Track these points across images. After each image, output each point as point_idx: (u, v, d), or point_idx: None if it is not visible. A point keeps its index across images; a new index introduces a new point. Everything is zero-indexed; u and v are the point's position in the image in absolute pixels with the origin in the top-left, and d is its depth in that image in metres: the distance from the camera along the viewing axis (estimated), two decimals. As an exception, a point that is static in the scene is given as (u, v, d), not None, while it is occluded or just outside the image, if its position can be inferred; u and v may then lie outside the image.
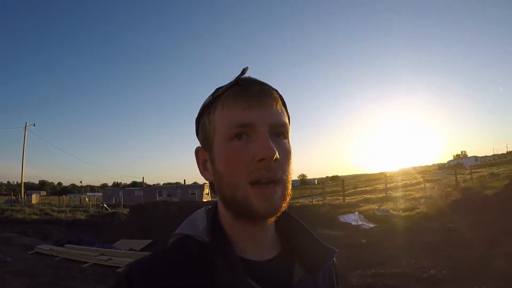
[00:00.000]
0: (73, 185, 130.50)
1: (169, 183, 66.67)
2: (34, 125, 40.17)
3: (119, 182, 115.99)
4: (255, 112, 0.60)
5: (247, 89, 0.62)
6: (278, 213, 0.61)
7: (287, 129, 0.65)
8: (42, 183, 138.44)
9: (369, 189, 28.06)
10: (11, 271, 7.37)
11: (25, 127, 39.07)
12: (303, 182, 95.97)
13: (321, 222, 11.17)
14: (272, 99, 0.63)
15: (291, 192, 0.63)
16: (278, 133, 0.63)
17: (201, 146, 0.70)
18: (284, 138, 0.64)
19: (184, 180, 47.83)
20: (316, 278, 0.69)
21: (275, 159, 0.58)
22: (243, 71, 0.62)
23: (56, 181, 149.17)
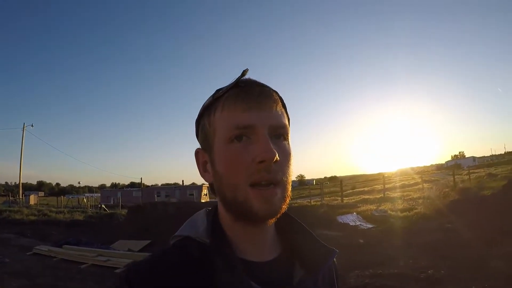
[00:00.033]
0: (71, 186, 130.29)
1: (167, 184, 66.48)
2: (32, 126, 40.16)
3: (117, 182, 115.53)
4: (255, 114, 0.60)
5: (247, 91, 0.62)
6: (278, 214, 0.62)
7: (287, 130, 0.65)
8: (40, 184, 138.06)
9: (367, 190, 28.10)
10: (9, 272, 7.34)
11: (23, 128, 39.03)
12: (301, 182, 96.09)
13: (319, 223, 11.17)
14: (272, 100, 0.63)
15: (291, 194, 0.64)
16: (278, 135, 0.63)
17: (201, 148, 0.70)
18: (284, 139, 0.64)
19: (182, 181, 47.79)
20: (317, 278, 0.69)
21: (275, 161, 0.58)
22: (243, 72, 0.62)
23: (54, 182, 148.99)
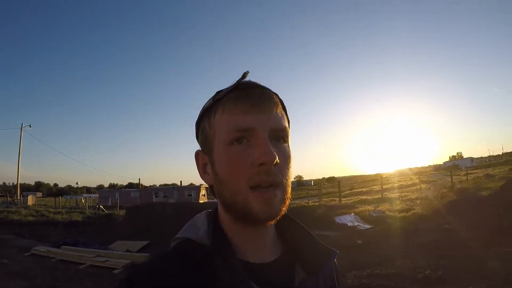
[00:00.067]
0: (69, 187, 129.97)
1: (165, 184, 66.19)
2: (30, 126, 39.95)
3: (115, 183, 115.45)
4: (256, 116, 0.61)
5: (248, 93, 0.62)
6: (278, 216, 0.62)
7: (287, 133, 0.65)
8: (38, 185, 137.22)
9: (365, 190, 28.14)
10: (7, 273, 7.34)
11: (21, 128, 38.82)
12: (299, 183, 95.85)
13: (317, 223, 11.20)
14: (272, 103, 0.63)
15: (290, 196, 0.64)
16: (278, 138, 0.63)
17: (201, 150, 0.70)
18: (284, 142, 0.64)
19: (180, 181, 47.69)
20: (318, 279, 0.69)
21: (275, 163, 0.58)
22: (244, 75, 0.62)
23: (52, 183, 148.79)
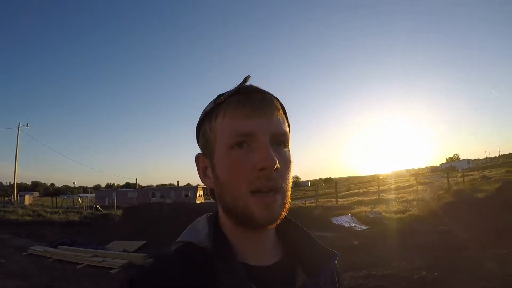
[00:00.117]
0: (66, 186, 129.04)
1: (162, 185, 66.23)
2: (27, 126, 39.97)
3: (112, 183, 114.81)
4: (257, 121, 0.61)
5: (249, 97, 0.62)
6: (278, 221, 0.62)
7: (287, 138, 0.65)
8: (35, 184, 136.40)
9: (362, 192, 28.19)
10: (4, 272, 7.32)
11: (18, 128, 38.86)
12: (296, 184, 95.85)
13: (314, 224, 11.23)
14: (273, 108, 0.63)
15: (290, 200, 0.64)
16: (278, 142, 0.63)
17: (202, 153, 0.70)
18: (284, 147, 0.64)
19: (177, 182, 47.55)
20: (319, 281, 0.68)
21: (275, 168, 0.58)
22: (245, 79, 0.62)
23: (49, 182, 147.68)
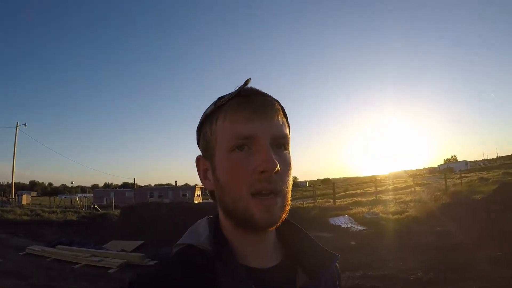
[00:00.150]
0: (63, 186, 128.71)
1: (160, 184, 66.04)
2: (25, 125, 39.84)
3: (110, 183, 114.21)
4: (257, 124, 0.61)
5: (250, 100, 0.63)
6: (278, 223, 0.62)
7: (287, 140, 0.65)
8: (33, 184, 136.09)
9: (360, 192, 28.17)
10: (2, 272, 7.33)
11: (16, 127, 38.69)
12: (294, 184, 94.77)
13: (312, 225, 11.21)
14: (274, 110, 0.64)
15: (290, 202, 0.65)
16: (279, 145, 0.63)
17: (202, 155, 0.70)
18: (284, 149, 0.64)
19: (175, 181, 47.02)
20: (319, 284, 0.68)
21: (276, 171, 0.59)
22: (246, 82, 0.63)
23: (47, 182, 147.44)
